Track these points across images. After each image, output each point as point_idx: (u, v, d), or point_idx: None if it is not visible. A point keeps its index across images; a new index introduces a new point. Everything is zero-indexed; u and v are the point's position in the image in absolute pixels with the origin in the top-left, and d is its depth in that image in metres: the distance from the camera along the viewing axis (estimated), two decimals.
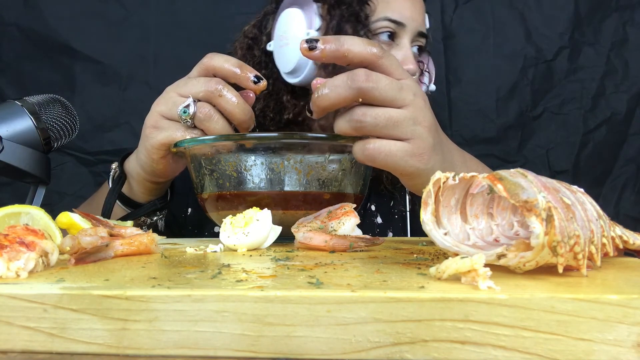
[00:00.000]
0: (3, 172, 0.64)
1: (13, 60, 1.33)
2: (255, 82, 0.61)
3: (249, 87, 0.62)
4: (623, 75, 1.31)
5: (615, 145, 1.31)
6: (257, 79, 0.62)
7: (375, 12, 0.83)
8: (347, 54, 0.51)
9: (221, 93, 0.60)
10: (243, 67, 0.62)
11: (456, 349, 0.27)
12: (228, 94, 0.60)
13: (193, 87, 0.61)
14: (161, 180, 0.71)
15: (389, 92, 0.51)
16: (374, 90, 0.50)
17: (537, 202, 0.30)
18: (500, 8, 1.32)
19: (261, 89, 0.62)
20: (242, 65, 0.62)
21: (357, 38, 0.52)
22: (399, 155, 0.53)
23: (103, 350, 0.29)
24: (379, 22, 0.83)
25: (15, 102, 0.64)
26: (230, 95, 0.61)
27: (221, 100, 0.61)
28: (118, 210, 0.73)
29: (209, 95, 0.61)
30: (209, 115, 0.61)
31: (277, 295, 0.28)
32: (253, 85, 0.61)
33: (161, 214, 0.77)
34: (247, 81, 0.61)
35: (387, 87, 0.51)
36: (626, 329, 0.26)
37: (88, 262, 0.42)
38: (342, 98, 0.51)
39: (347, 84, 0.50)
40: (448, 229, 0.36)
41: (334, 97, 0.51)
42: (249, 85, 0.62)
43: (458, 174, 0.36)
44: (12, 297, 0.30)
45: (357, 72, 0.51)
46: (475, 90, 1.33)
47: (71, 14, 1.32)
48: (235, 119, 0.62)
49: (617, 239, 0.40)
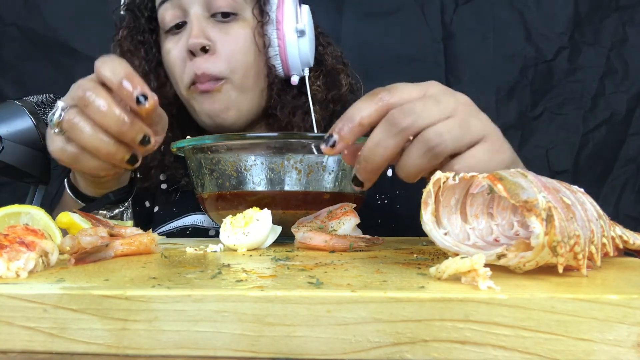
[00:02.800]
0: (3, 172, 0.64)
1: (13, 60, 1.33)
2: (140, 101, 0.50)
3: (132, 107, 0.51)
4: (623, 75, 1.31)
5: (615, 145, 1.31)
6: (143, 97, 0.50)
7: None
8: (362, 121, 0.44)
9: (87, 102, 0.50)
10: (130, 80, 0.50)
11: (456, 349, 0.27)
12: (96, 102, 0.50)
13: (71, 93, 0.53)
14: None
15: (430, 111, 0.44)
16: (419, 120, 0.43)
17: (537, 202, 0.30)
18: (500, 8, 1.32)
19: (146, 111, 0.50)
20: (129, 78, 0.50)
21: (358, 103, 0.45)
22: (485, 159, 0.45)
23: (103, 350, 0.29)
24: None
25: (15, 102, 0.64)
26: (99, 103, 0.50)
27: (88, 110, 0.51)
28: (71, 203, 0.69)
29: (78, 104, 0.52)
30: (71, 124, 0.52)
31: (277, 295, 0.28)
32: (135, 105, 0.50)
33: (122, 206, 0.72)
34: (129, 99, 0.50)
35: (424, 109, 0.43)
36: (626, 329, 0.26)
37: (88, 262, 0.42)
38: (391, 149, 0.43)
39: (390, 133, 0.43)
40: (448, 229, 0.36)
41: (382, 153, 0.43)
42: (132, 105, 0.50)
43: (458, 173, 0.36)
44: (12, 297, 0.30)
45: (390, 117, 0.43)
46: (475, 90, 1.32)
47: (71, 14, 1.32)
48: (109, 130, 0.51)
49: (617, 239, 0.40)
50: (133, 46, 0.86)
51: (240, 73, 0.82)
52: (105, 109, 0.50)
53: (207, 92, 0.81)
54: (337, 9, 1.36)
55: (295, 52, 0.84)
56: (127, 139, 0.52)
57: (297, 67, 0.86)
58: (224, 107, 0.82)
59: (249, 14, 0.83)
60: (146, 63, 0.86)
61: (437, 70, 1.33)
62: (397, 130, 0.43)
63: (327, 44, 0.93)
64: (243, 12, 0.83)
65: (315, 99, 0.88)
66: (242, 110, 0.84)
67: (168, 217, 0.88)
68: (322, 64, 0.91)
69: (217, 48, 0.80)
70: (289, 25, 0.83)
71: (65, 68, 1.32)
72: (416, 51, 1.34)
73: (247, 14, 0.83)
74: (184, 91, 0.84)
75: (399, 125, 0.43)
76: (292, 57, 0.84)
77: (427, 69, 1.34)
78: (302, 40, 0.84)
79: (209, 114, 0.83)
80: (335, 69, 0.92)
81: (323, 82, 0.90)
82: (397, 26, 1.35)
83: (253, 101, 0.85)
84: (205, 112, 0.83)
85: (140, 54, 0.86)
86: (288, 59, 0.84)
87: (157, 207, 0.91)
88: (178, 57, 0.82)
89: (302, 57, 0.85)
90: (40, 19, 1.32)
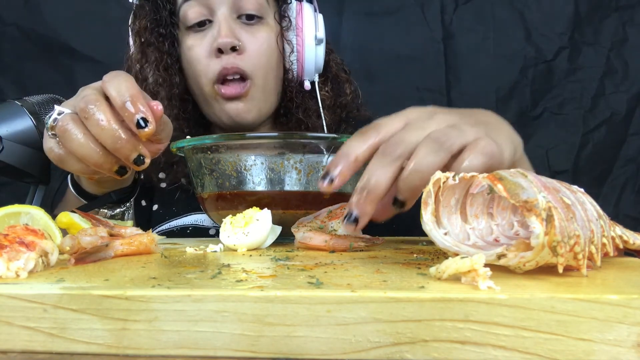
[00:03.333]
0: (3, 172, 0.64)
1: (13, 60, 1.33)
2: (140, 125, 0.50)
3: (133, 131, 0.51)
4: (623, 75, 1.31)
5: (615, 145, 1.32)
6: (144, 122, 0.50)
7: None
8: (358, 157, 0.45)
9: (87, 114, 0.51)
10: (134, 103, 0.50)
11: (456, 349, 0.27)
12: (96, 115, 0.50)
13: (75, 100, 0.54)
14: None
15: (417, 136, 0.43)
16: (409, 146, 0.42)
17: (537, 202, 0.30)
18: (500, 8, 1.32)
19: (146, 135, 0.50)
20: (133, 100, 0.50)
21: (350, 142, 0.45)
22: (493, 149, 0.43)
23: (103, 350, 0.29)
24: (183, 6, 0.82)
25: (15, 102, 0.64)
26: (99, 117, 0.50)
27: (87, 122, 0.51)
28: (73, 200, 0.70)
29: (79, 113, 0.52)
30: (63, 130, 0.52)
31: (277, 295, 0.28)
32: (135, 128, 0.50)
33: (124, 206, 0.73)
34: (130, 122, 0.50)
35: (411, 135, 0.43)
36: (626, 329, 0.26)
37: (88, 262, 0.42)
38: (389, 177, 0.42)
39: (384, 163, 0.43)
40: (448, 229, 0.36)
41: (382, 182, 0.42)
42: (132, 128, 0.51)
43: (458, 173, 0.36)
44: (12, 297, 0.30)
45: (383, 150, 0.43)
46: (475, 90, 1.33)
47: (71, 14, 1.32)
48: (104, 144, 0.51)
49: (617, 239, 0.40)
50: (154, 39, 0.86)
51: (263, 74, 0.84)
52: (104, 124, 0.50)
53: (236, 97, 0.83)
54: (337, 9, 1.36)
55: (312, 58, 0.88)
56: (121, 156, 0.52)
57: (311, 73, 0.89)
58: (247, 109, 0.85)
59: (272, 19, 0.86)
60: (164, 57, 0.86)
61: (437, 70, 1.34)
62: (391, 160, 0.43)
63: (330, 51, 0.96)
64: (267, 16, 0.85)
65: (324, 104, 0.91)
66: (262, 111, 0.87)
67: (167, 215, 0.88)
68: (328, 70, 0.94)
69: (245, 48, 0.82)
70: (309, 32, 0.87)
71: (65, 68, 1.32)
72: (416, 51, 1.34)
73: (270, 18, 0.86)
74: (206, 86, 0.84)
75: (392, 155, 0.43)
76: (309, 63, 0.88)
77: (427, 69, 1.34)
78: (319, 48, 0.88)
79: (231, 114, 0.85)
80: (340, 76, 0.96)
81: (330, 88, 0.93)
82: (397, 26, 1.35)
83: (272, 103, 0.89)
84: (227, 113, 0.85)
85: (162, 48, 0.86)
86: (305, 64, 0.88)
87: (156, 205, 0.91)
88: (202, 54, 0.83)
89: (317, 63, 0.89)
90: (40, 19, 1.32)
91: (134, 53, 0.87)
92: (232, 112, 0.84)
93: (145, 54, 0.86)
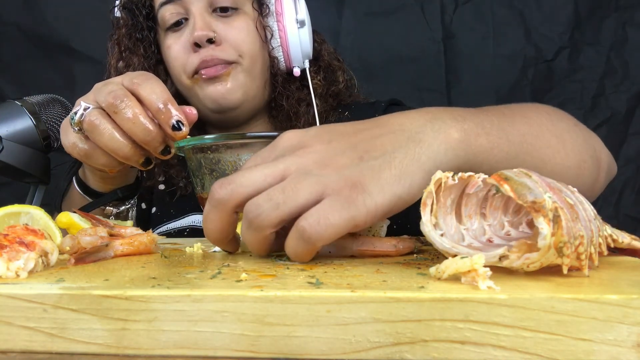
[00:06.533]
0: (3, 172, 0.64)
1: (13, 60, 1.33)
2: (176, 127, 0.53)
3: (167, 132, 0.54)
4: (623, 75, 1.31)
5: (615, 145, 1.31)
6: (179, 124, 0.53)
7: None
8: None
9: (116, 109, 0.53)
10: (167, 107, 0.53)
11: (456, 349, 0.27)
12: (124, 110, 0.53)
13: (98, 96, 0.55)
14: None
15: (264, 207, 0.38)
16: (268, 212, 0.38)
17: (545, 203, 0.30)
18: (500, 8, 1.32)
19: (180, 137, 0.54)
20: (166, 103, 0.54)
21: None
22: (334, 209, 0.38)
23: (103, 350, 0.29)
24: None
25: (15, 102, 0.64)
26: (127, 111, 0.53)
27: (117, 116, 0.53)
28: (79, 199, 0.70)
29: (107, 108, 0.54)
30: (93, 125, 0.54)
31: (277, 295, 0.28)
32: (170, 131, 0.54)
33: (129, 204, 0.73)
34: (165, 125, 0.54)
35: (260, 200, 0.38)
36: (626, 329, 0.26)
37: (88, 262, 0.42)
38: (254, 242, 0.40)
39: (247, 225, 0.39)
40: (444, 229, 0.36)
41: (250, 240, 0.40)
42: (167, 131, 0.54)
43: (457, 173, 0.36)
44: (12, 297, 0.30)
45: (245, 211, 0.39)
46: (475, 90, 1.33)
47: (71, 14, 1.32)
48: (134, 137, 0.54)
49: (608, 238, 0.41)
50: (132, 44, 0.86)
51: (249, 59, 0.84)
52: (135, 119, 0.53)
53: (215, 77, 0.81)
54: (337, 9, 1.36)
55: (296, 42, 0.86)
56: (150, 148, 0.55)
57: (299, 59, 0.88)
58: (231, 89, 0.83)
59: (249, 8, 0.85)
60: (145, 60, 0.86)
61: (437, 70, 1.34)
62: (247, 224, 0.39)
63: (321, 41, 0.95)
64: (243, 6, 0.85)
65: (315, 93, 0.90)
66: (248, 94, 0.85)
67: (165, 218, 0.88)
68: (320, 59, 0.93)
69: (222, 39, 0.82)
70: (289, 16, 0.85)
71: (65, 68, 1.32)
72: (416, 51, 1.34)
73: (247, 7, 0.85)
74: (186, 80, 0.84)
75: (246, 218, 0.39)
76: (294, 47, 0.86)
77: (427, 69, 1.34)
78: (303, 31, 0.86)
79: (213, 97, 0.83)
80: (332, 65, 0.95)
81: (322, 77, 0.92)
82: (397, 26, 1.35)
83: (259, 90, 0.87)
84: (209, 97, 0.83)
85: (139, 52, 0.86)
86: (290, 49, 0.86)
87: (154, 208, 0.91)
88: (180, 50, 0.83)
89: (303, 47, 0.87)
90: (40, 19, 1.32)
91: (114, 62, 0.87)
92: (215, 95, 0.82)
93: (127, 60, 0.86)
